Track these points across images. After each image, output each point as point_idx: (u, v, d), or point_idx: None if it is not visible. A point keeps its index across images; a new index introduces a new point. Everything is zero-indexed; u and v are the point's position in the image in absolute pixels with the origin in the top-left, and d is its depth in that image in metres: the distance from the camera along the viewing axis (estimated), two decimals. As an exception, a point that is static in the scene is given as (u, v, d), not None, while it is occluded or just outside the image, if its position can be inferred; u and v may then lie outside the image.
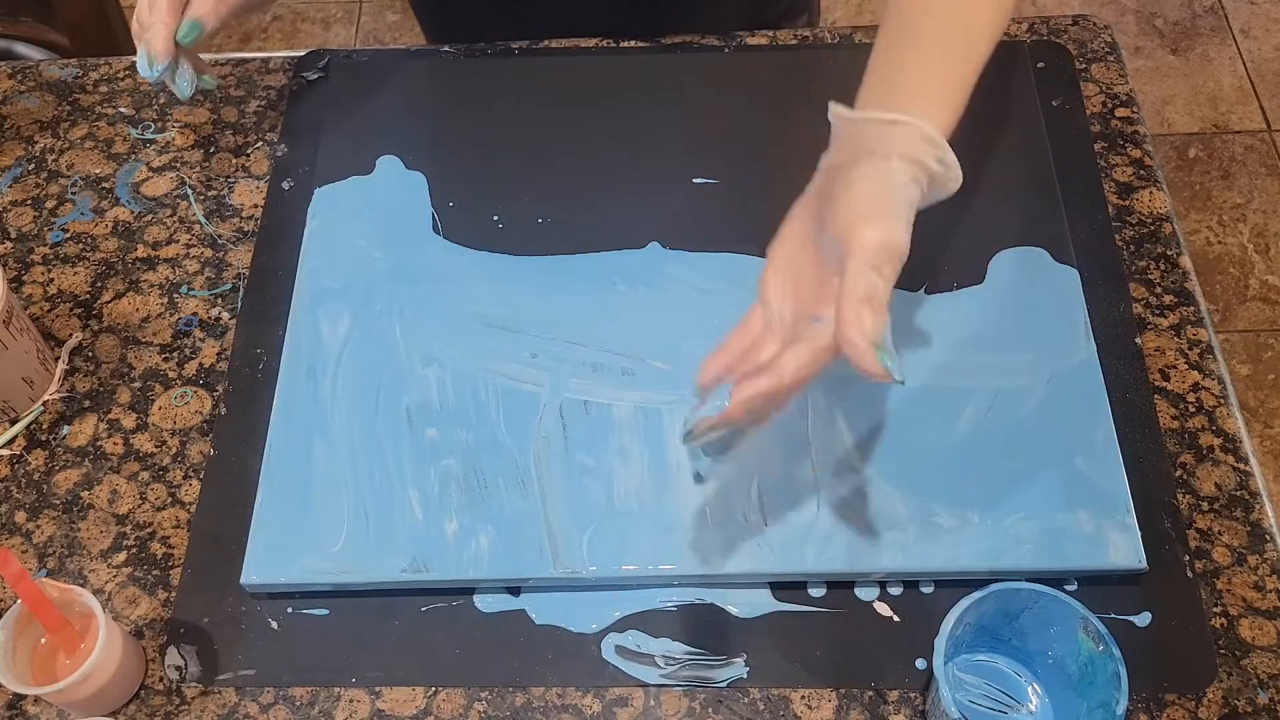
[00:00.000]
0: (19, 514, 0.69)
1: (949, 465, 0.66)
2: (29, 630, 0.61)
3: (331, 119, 0.83)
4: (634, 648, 0.63)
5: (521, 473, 0.66)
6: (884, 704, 0.61)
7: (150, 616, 0.65)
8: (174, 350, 0.75)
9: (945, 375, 0.69)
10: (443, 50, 0.87)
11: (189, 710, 0.62)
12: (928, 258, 0.74)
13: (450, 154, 0.81)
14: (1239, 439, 0.69)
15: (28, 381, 0.71)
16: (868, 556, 0.63)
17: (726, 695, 0.62)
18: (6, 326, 0.67)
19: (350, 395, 0.70)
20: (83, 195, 0.82)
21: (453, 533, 0.65)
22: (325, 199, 0.78)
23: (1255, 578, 0.64)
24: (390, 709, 0.62)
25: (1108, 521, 0.63)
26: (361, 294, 0.74)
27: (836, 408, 0.68)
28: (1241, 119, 1.86)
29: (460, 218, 0.77)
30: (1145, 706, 0.61)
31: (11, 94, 0.88)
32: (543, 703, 0.62)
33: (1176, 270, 0.75)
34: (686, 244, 0.75)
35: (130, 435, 0.71)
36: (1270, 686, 0.61)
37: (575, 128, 0.82)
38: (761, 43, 0.87)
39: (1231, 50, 1.94)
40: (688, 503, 0.65)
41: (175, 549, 0.67)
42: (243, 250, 0.79)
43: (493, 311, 0.73)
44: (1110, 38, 0.86)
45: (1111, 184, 0.79)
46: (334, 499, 0.66)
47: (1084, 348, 0.70)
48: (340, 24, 2.05)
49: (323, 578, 0.64)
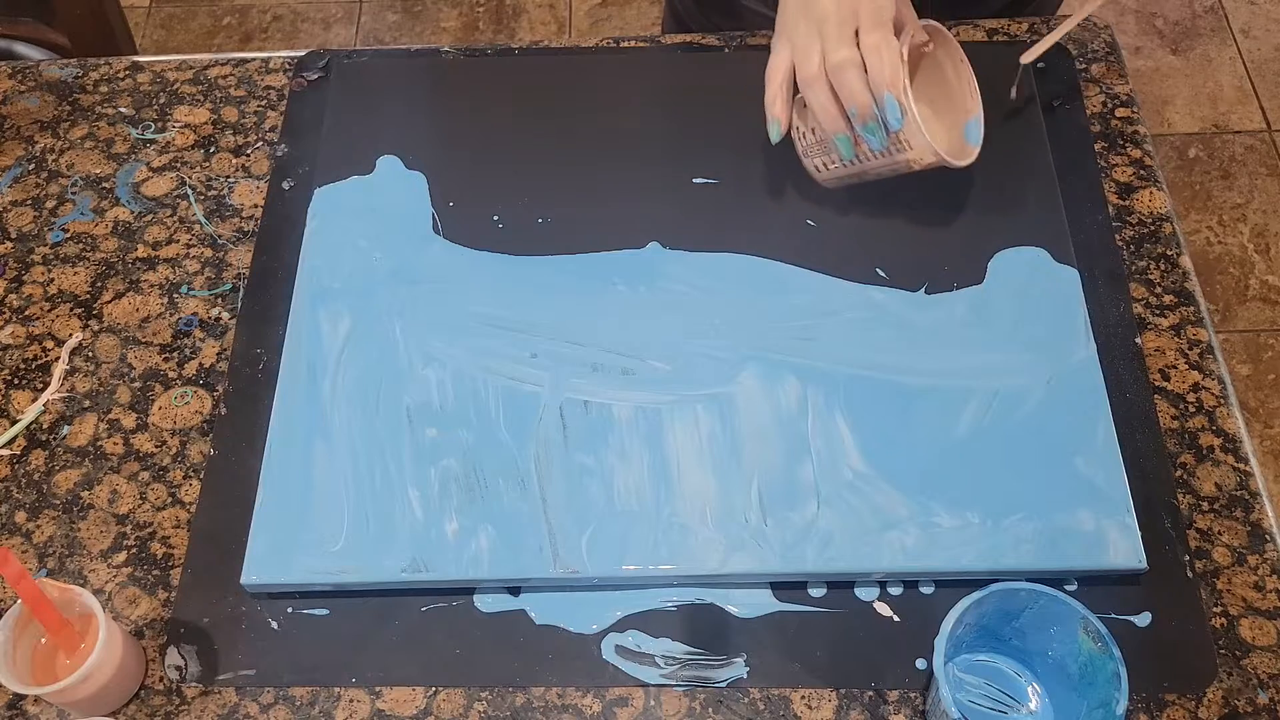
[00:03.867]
0: (19, 514, 0.69)
1: (949, 465, 0.66)
2: (29, 630, 0.61)
3: (331, 119, 0.83)
4: (634, 648, 0.63)
5: (521, 473, 0.66)
6: (884, 704, 0.61)
7: (150, 616, 0.65)
8: (174, 350, 0.75)
9: (945, 375, 0.69)
10: (443, 50, 0.87)
11: (189, 710, 0.62)
12: (928, 258, 0.74)
13: (450, 154, 0.81)
14: (1239, 439, 0.69)
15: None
16: (868, 556, 0.63)
17: (726, 695, 0.62)
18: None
19: (350, 395, 0.70)
20: (83, 195, 0.82)
21: (453, 533, 0.65)
22: (325, 199, 0.78)
23: (1255, 578, 0.64)
24: (390, 709, 0.62)
25: (1108, 521, 0.63)
26: (362, 294, 0.74)
27: (836, 408, 0.68)
28: (1241, 119, 1.86)
29: (460, 218, 0.77)
30: (1145, 706, 0.61)
31: (11, 94, 0.88)
32: (543, 703, 0.62)
33: (1176, 270, 0.75)
34: (686, 244, 0.75)
35: (130, 435, 0.71)
36: (1270, 686, 0.61)
37: (576, 128, 0.82)
38: (761, 43, 0.87)
39: (1231, 50, 1.94)
40: (688, 503, 0.65)
41: (175, 549, 0.67)
42: (243, 250, 0.79)
43: (493, 311, 0.73)
44: (1110, 38, 0.86)
45: (1111, 184, 0.79)
46: (334, 499, 0.66)
47: (1084, 348, 0.70)
48: (340, 24, 2.05)
49: (323, 578, 0.64)
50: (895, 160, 0.70)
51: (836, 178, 0.74)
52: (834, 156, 0.72)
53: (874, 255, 0.74)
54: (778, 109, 0.70)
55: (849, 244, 0.75)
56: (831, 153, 0.72)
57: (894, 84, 0.65)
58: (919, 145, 0.68)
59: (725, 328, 0.72)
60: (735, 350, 0.70)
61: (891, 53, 0.65)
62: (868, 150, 0.70)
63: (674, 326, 0.72)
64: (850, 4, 0.66)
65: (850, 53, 0.65)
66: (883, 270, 0.74)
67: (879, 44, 0.65)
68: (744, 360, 0.70)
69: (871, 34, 0.65)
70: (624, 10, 2.05)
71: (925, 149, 0.68)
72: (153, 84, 0.88)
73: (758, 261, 0.75)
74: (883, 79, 0.65)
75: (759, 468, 0.66)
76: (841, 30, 0.65)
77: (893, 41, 0.65)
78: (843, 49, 0.65)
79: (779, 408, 0.68)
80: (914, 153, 0.69)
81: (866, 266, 0.74)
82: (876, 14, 0.65)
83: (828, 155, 0.72)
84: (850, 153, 0.70)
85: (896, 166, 0.71)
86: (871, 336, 0.71)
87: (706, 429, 0.67)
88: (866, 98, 0.66)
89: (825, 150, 0.72)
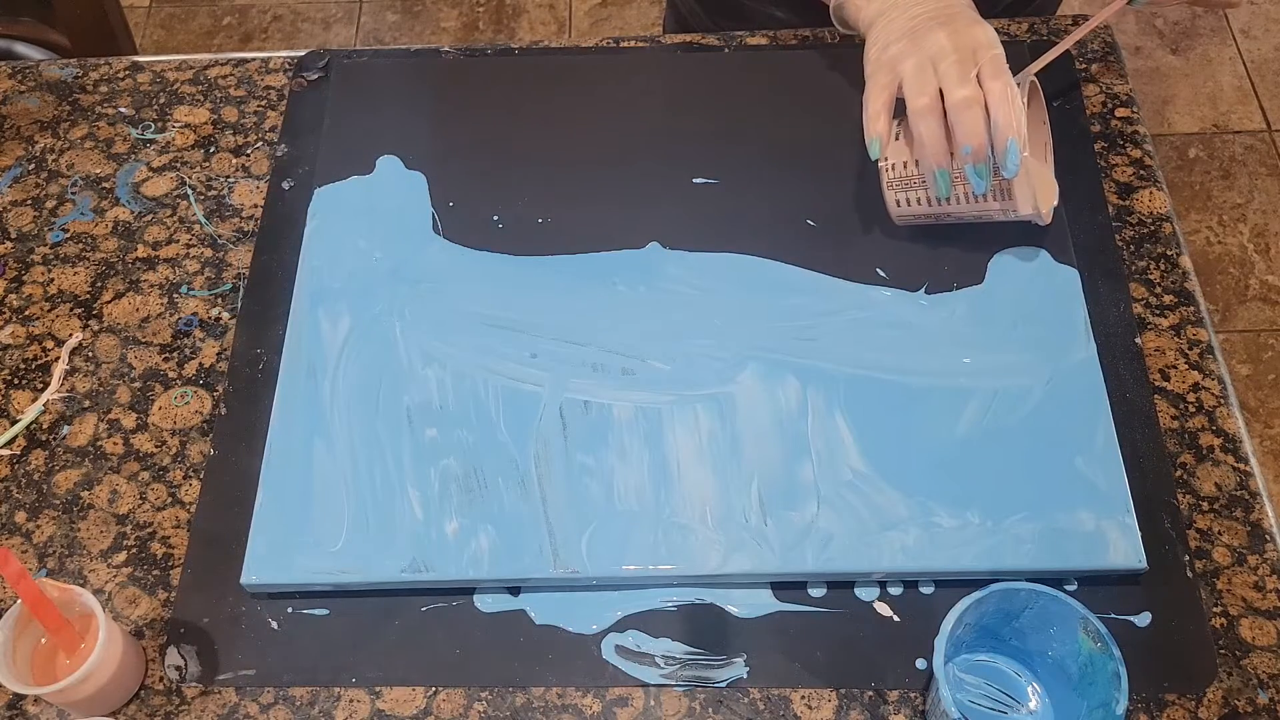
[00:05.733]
0: (19, 514, 0.69)
1: (949, 465, 0.66)
2: (29, 630, 0.61)
3: (331, 119, 0.83)
4: (634, 648, 0.63)
5: (521, 473, 0.66)
6: (884, 704, 0.61)
7: (150, 616, 0.65)
8: (174, 350, 0.75)
9: (945, 375, 0.69)
10: (443, 50, 0.87)
11: (189, 710, 0.62)
12: (928, 258, 0.74)
13: (450, 154, 0.81)
14: (1239, 439, 0.69)
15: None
16: (868, 556, 0.63)
17: (726, 695, 0.62)
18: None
19: (350, 395, 0.70)
20: (83, 195, 0.82)
21: (453, 533, 0.65)
22: (325, 199, 0.78)
23: (1255, 578, 0.64)
24: (390, 709, 0.62)
25: (1108, 521, 0.63)
26: (362, 294, 0.74)
27: (836, 408, 0.68)
28: (1241, 119, 1.86)
29: (460, 218, 0.77)
30: (1145, 706, 0.61)
31: (11, 94, 0.88)
32: (543, 703, 0.62)
33: (1176, 270, 0.75)
34: (686, 244, 0.75)
35: (130, 435, 0.71)
36: (1270, 686, 0.61)
37: (576, 128, 0.82)
38: (761, 43, 0.87)
39: (1231, 50, 1.94)
40: (688, 503, 0.65)
41: (175, 549, 0.67)
42: (243, 250, 0.79)
43: (493, 311, 0.73)
44: (1110, 38, 0.86)
45: (1111, 184, 0.79)
46: (334, 499, 0.66)
47: (1084, 348, 0.70)
48: (340, 24, 2.05)
49: (323, 578, 0.64)
50: (987, 207, 0.70)
51: (914, 214, 0.72)
52: (921, 193, 0.70)
53: (874, 255, 0.74)
54: (879, 127, 0.69)
55: (849, 244, 0.75)
56: (917, 189, 0.70)
57: (1019, 131, 0.65)
58: (1020, 197, 0.68)
59: (725, 328, 0.71)
60: (735, 350, 0.70)
61: (1017, 101, 0.65)
62: (965, 193, 0.69)
63: (674, 326, 0.72)
64: (969, 46, 0.67)
65: (975, 92, 0.65)
66: (883, 270, 0.74)
67: (1005, 90, 0.65)
68: (744, 360, 0.70)
69: (996, 80, 0.66)
70: (624, 10, 2.05)
71: (1026, 201, 0.68)
72: (153, 84, 0.88)
73: (758, 261, 0.75)
74: (1009, 124, 0.65)
75: (759, 468, 0.66)
76: (964, 69, 0.66)
77: (1016, 91, 0.66)
78: (967, 87, 0.65)
79: (779, 408, 0.68)
80: (1011, 203, 0.69)
81: (866, 266, 0.74)
82: (997, 62, 0.66)
83: (914, 191, 0.71)
84: (947, 191, 0.69)
85: (984, 214, 0.70)
86: (871, 336, 0.71)
87: (706, 429, 0.67)
88: (985, 139, 0.66)
89: (912, 186, 0.71)
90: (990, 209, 0.70)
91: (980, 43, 0.67)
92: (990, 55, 0.66)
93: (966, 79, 0.66)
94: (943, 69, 0.66)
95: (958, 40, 0.67)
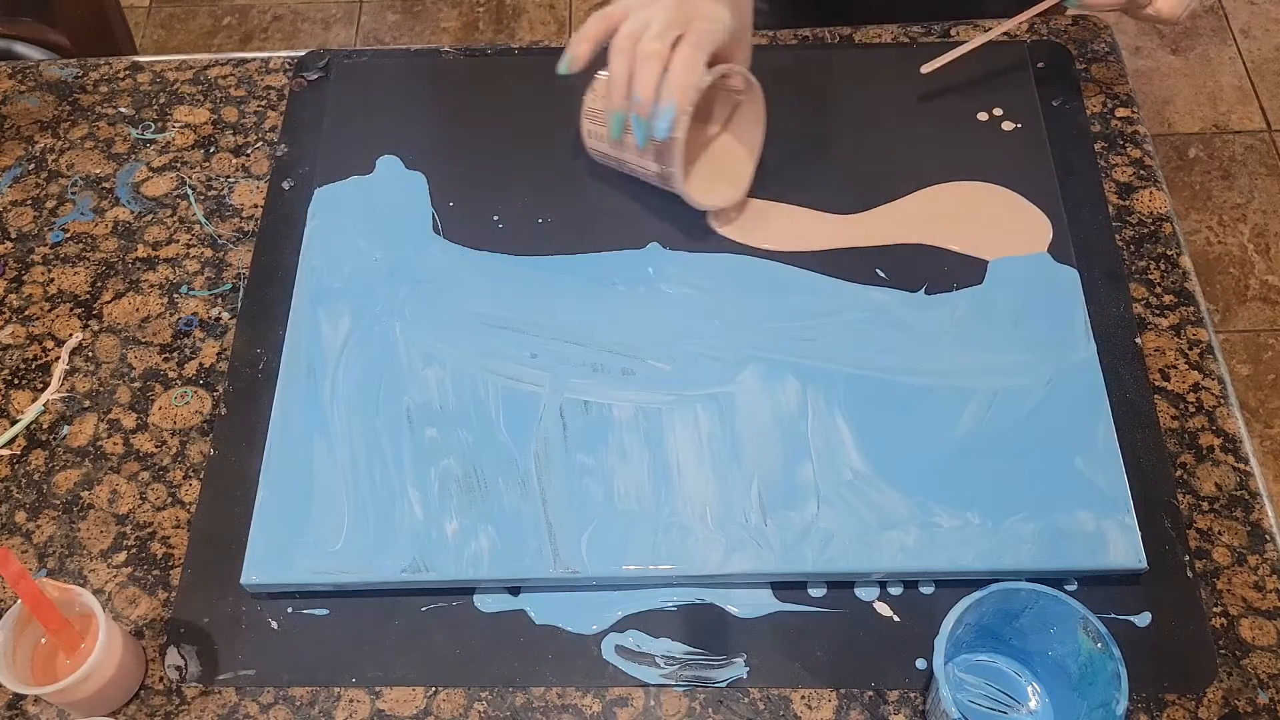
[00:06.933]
0: (19, 514, 0.69)
1: (949, 465, 0.66)
2: (29, 630, 0.61)
3: (331, 119, 0.83)
4: (634, 648, 0.63)
5: (521, 473, 0.66)
6: (884, 704, 0.61)
7: (150, 616, 0.65)
8: (174, 350, 0.75)
9: (945, 375, 0.69)
10: (443, 50, 0.87)
11: (189, 710, 0.62)
12: (928, 258, 0.74)
13: (450, 154, 0.81)
14: (1239, 439, 0.69)
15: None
16: (868, 556, 0.63)
17: (726, 695, 0.62)
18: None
19: (350, 395, 0.70)
20: (83, 195, 0.82)
21: (453, 533, 0.65)
22: (325, 199, 0.78)
23: (1255, 578, 0.64)
24: (390, 709, 0.62)
25: (1107, 521, 0.63)
26: (361, 294, 0.74)
27: (836, 408, 0.68)
28: (1241, 119, 1.86)
29: (460, 218, 0.77)
30: (1145, 706, 0.61)
31: (11, 94, 0.88)
32: (543, 703, 0.62)
33: (1176, 270, 0.75)
34: (686, 244, 0.75)
35: (130, 435, 0.71)
36: (1270, 686, 0.61)
37: (575, 128, 0.82)
38: (762, 43, 0.87)
39: (1231, 50, 1.94)
40: (688, 503, 0.65)
41: (175, 549, 0.67)
42: (243, 250, 0.79)
43: (493, 311, 0.73)
44: (1110, 38, 0.86)
45: (1111, 184, 0.79)
46: (334, 499, 0.66)
47: (1084, 348, 0.70)
48: (340, 24, 2.05)
49: (323, 578, 0.64)
50: (647, 166, 0.72)
51: (597, 150, 0.75)
52: (603, 129, 0.73)
53: (874, 255, 0.74)
54: (581, 50, 0.70)
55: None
56: (601, 124, 0.73)
57: (680, 96, 0.66)
58: (676, 168, 0.69)
59: (725, 328, 0.72)
60: (735, 350, 0.70)
61: (692, 70, 0.66)
62: (631, 143, 0.71)
63: (674, 326, 0.72)
64: (688, 12, 0.67)
65: (663, 49, 0.66)
66: (883, 270, 0.74)
67: (688, 58, 0.66)
68: (744, 360, 0.70)
69: (687, 48, 0.66)
70: (624, 10, 2.05)
71: (678, 175, 0.70)
72: (153, 84, 0.88)
73: (758, 261, 0.75)
74: (674, 86, 0.66)
75: (759, 468, 0.66)
76: (667, 29, 0.67)
77: (701, 65, 0.67)
78: (657, 42, 0.66)
79: (779, 408, 0.68)
80: (669, 170, 0.70)
81: (866, 266, 0.74)
82: (702, 35, 0.67)
83: (598, 124, 0.74)
84: (618, 134, 0.71)
85: (645, 172, 0.73)
86: (871, 336, 0.71)
87: (706, 429, 0.67)
88: (650, 95, 0.67)
89: (598, 120, 0.73)
90: (649, 168, 0.72)
91: (698, 14, 0.67)
92: (699, 26, 0.67)
93: (664, 35, 0.66)
94: (653, 25, 0.67)
95: (682, 6, 0.67)
